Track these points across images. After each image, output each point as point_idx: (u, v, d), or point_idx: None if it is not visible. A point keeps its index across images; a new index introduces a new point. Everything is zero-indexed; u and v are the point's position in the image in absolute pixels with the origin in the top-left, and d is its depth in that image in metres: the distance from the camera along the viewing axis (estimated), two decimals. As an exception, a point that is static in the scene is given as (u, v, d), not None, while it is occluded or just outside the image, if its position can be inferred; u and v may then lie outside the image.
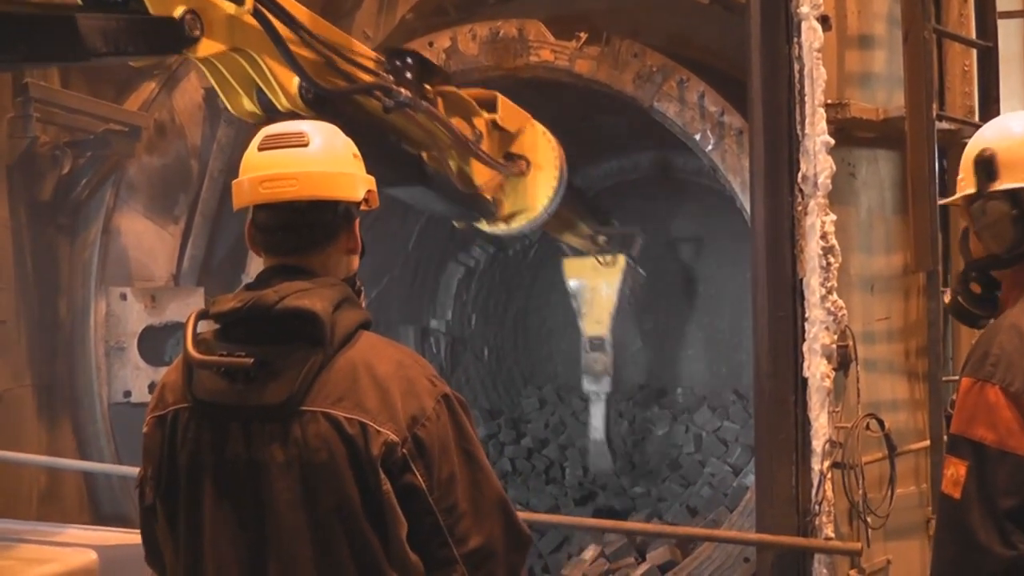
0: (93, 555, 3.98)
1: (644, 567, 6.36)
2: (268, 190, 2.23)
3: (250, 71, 3.75)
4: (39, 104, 6.10)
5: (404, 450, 2.11)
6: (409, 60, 4.51)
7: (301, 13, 3.85)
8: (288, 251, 2.26)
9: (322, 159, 2.27)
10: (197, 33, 3.39)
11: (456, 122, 4.91)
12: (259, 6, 3.54)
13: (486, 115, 5.26)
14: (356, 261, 2.37)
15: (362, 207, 2.35)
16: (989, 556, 2.24)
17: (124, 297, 6.56)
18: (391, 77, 4.38)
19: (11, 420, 6.04)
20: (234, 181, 2.31)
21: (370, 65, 4.31)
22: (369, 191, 2.36)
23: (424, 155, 5.02)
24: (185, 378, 2.20)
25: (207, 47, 3.45)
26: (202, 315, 2.23)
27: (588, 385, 7.88)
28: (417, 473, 2.12)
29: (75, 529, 4.73)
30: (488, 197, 5.44)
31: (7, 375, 6.08)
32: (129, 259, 6.74)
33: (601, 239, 7.51)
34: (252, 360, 2.11)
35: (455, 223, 5.75)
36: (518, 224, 5.71)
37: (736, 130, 5.70)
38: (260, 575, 2.12)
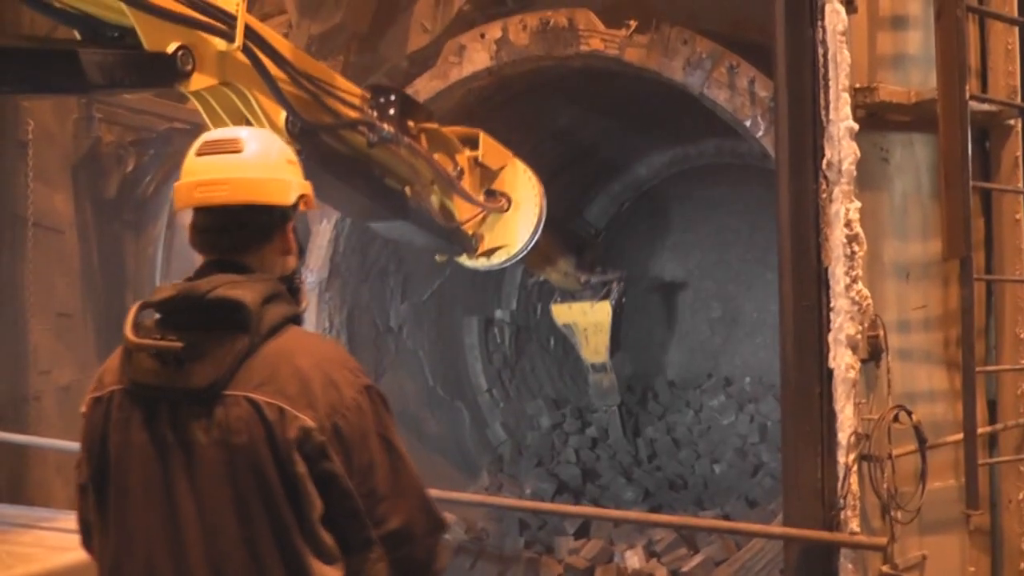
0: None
1: (698, 559, 6.31)
2: (202, 194, 2.36)
3: (239, 105, 3.90)
4: (102, 105, 6.32)
5: (322, 437, 2.22)
6: (393, 97, 4.63)
7: (287, 50, 4.01)
8: (224, 251, 2.38)
9: (254, 165, 2.39)
10: (189, 68, 3.56)
11: (438, 158, 5.01)
12: (249, 44, 3.70)
13: (468, 152, 5.36)
14: (292, 261, 2.48)
15: (301, 207, 2.42)
16: None
17: (188, 290, 6.74)
18: (375, 113, 4.53)
19: (77, 411, 6.27)
20: (175, 184, 2.44)
21: (355, 101, 4.46)
22: (304, 195, 2.44)
23: (407, 190, 5.12)
24: (123, 361, 2.32)
25: (199, 81, 3.63)
26: (144, 305, 2.35)
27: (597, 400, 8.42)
28: (335, 460, 2.23)
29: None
30: (469, 232, 5.55)
31: (74, 367, 6.32)
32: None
33: (583, 278, 7.58)
34: (181, 344, 2.23)
35: (436, 257, 5.85)
36: (498, 259, 5.81)
37: (785, 115, 5.57)
38: (185, 548, 2.23)
